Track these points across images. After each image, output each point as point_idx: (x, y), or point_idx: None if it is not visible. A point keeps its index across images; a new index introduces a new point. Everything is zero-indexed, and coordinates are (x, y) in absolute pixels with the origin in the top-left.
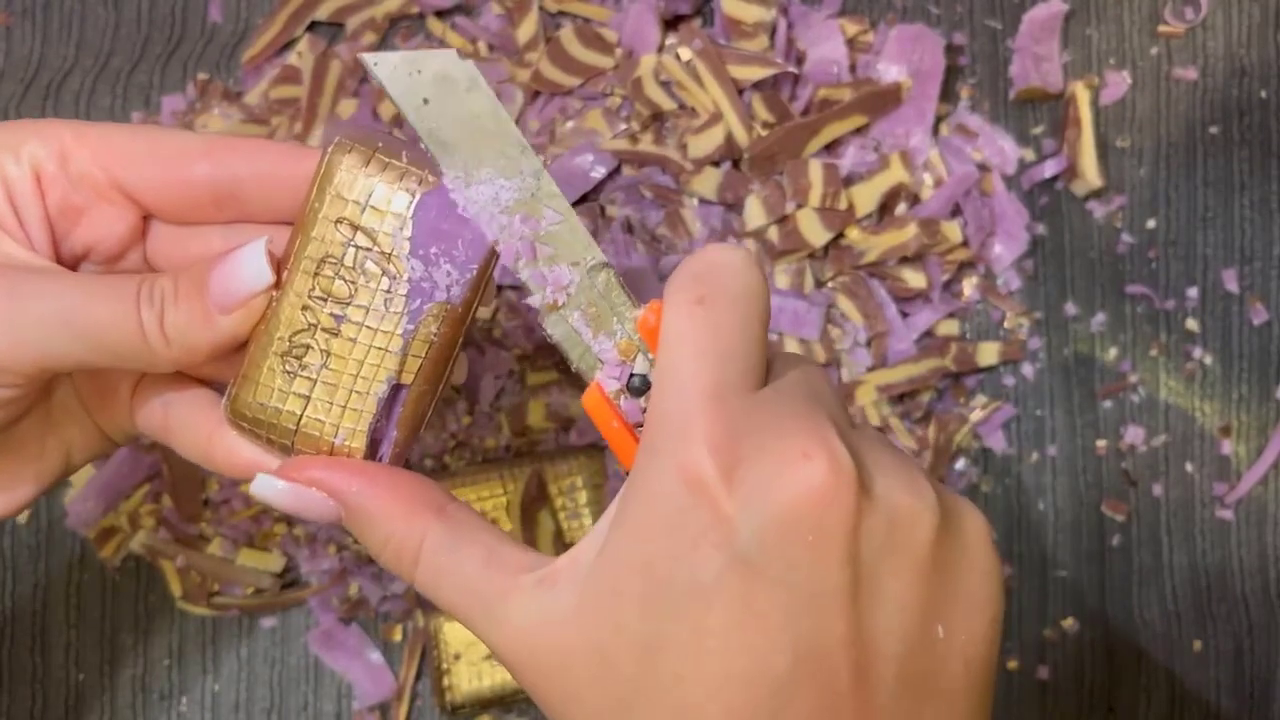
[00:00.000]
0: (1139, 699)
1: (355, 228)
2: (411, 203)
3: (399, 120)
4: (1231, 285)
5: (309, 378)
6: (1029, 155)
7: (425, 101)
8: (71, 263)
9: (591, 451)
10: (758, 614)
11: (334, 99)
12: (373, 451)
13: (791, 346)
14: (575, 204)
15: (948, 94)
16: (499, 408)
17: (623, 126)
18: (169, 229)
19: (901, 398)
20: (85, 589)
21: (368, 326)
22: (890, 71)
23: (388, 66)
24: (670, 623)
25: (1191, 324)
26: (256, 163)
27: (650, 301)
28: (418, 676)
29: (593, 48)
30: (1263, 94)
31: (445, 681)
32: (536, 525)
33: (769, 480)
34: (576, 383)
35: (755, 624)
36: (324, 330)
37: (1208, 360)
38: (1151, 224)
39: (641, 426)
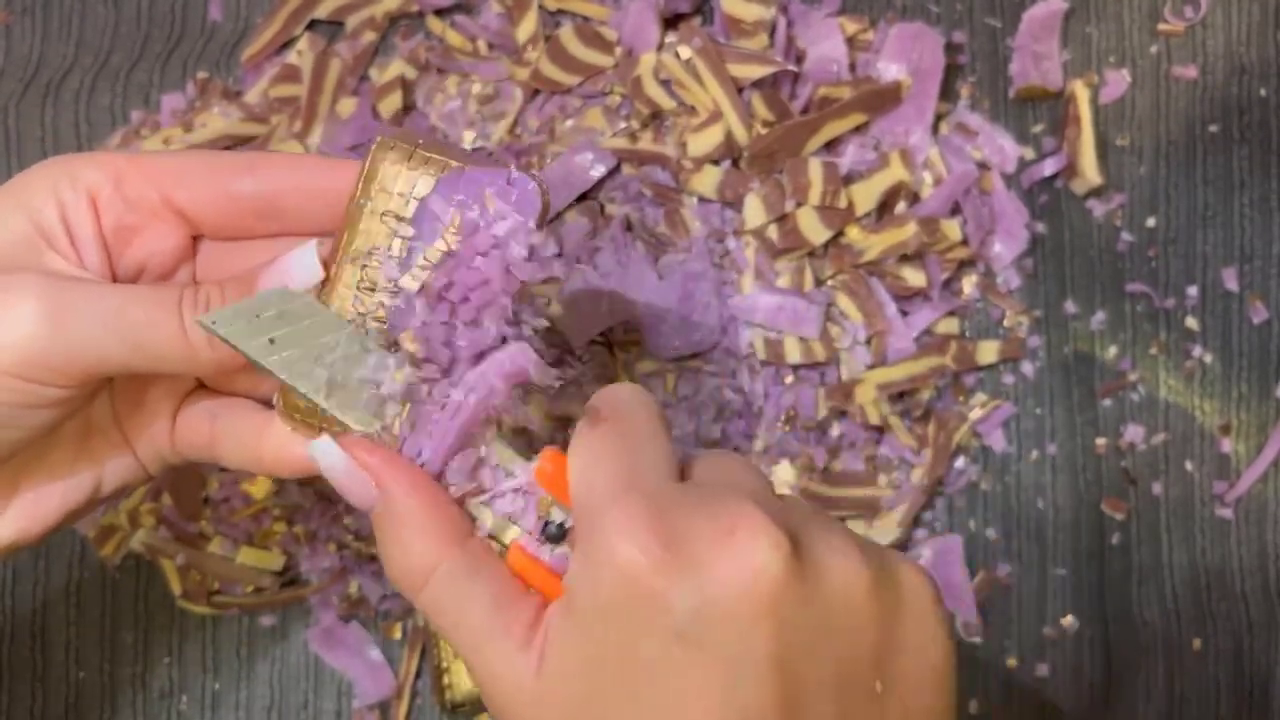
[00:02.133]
0: (1138, 697)
1: (399, 219)
2: (434, 185)
3: (400, 119)
4: (1231, 284)
5: None
6: (1029, 153)
7: (271, 342)
8: (125, 280)
9: None
10: (697, 686)
11: (333, 97)
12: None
13: (791, 344)
14: (575, 202)
15: (947, 92)
16: None
17: (622, 125)
18: (216, 249)
19: (901, 396)
20: (85, 587)
21: None
22: (890, 70)
23: (225, 323)
24: (619, 702)
25: (1191, 322)
26: (297, 175)
27: (544, 450)
28: (418, 675)
29: (592, 46)
30: (1262, 92)
31: (445, 680)
32: None
33: (699, 557)
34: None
35: (696, 696)
36: (375, 320)
37: (1207, 358)
38: (1151, 222)
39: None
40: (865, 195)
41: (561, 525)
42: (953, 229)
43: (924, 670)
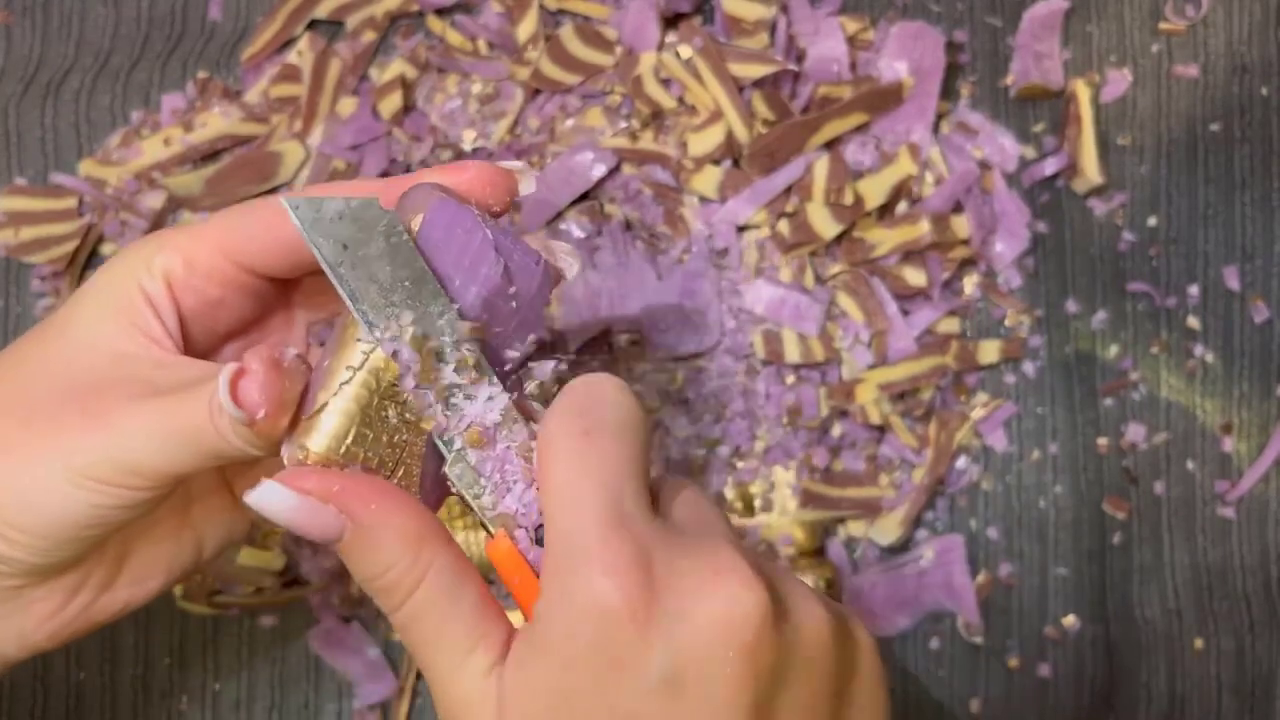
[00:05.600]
0: (1140, 697)
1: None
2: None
3: (400, 118)
4: (1233, 283)
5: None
6: (1030, 153)
7: (345, 248)
8: (218, 343)
9: None
10: None
11: (334, 97)
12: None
13: (791, 343)
14: (575, 202)
15: (948, 91)
16: None
17: (623, 124)
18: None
19: (902, 396)
20: None
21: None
22: (891, 69)
23: (308, 211)
24: None
25: (1193, 321)
26: None
27: None
28: (418, 675)
29: (593, 46)
30: (1264, 91)
31: None
32: None
33: (685, 601)
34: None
35: None
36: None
37: (1209, 358)
38: (1152, 221)
39: None
40: (874, 190)
41: None
42: (961, 226)
43: None
